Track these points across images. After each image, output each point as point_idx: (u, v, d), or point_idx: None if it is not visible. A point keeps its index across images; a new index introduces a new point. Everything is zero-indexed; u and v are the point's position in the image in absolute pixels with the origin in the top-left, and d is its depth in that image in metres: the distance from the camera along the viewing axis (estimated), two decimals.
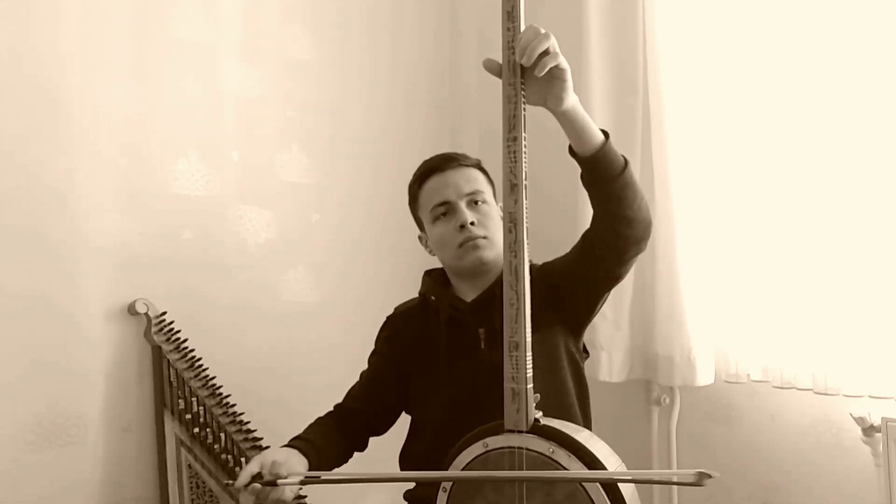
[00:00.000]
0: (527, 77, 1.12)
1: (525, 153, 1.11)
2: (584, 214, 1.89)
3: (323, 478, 1.31)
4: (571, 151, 1.23)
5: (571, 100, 1.15)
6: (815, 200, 1.68)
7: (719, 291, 1.85)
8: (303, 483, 1.23)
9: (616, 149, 1.22)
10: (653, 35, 1.91)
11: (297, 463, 1.30)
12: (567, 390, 1.40)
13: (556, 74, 1.11)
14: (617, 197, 1.22)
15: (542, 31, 1.08)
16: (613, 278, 1.37)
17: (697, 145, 1.87)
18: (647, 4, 1.92)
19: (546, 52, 1.07)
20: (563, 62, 1.10)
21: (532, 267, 1.43)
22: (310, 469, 1.32)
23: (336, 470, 1.44)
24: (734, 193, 1.83)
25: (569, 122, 1.18)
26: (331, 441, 1.45)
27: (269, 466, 1.24)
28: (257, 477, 1.21)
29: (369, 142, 2.27)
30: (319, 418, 1.52)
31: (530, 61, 1.07)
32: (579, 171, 1.24)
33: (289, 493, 1.23)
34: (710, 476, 0.98)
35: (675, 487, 1.98)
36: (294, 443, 1.39)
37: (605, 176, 1.21)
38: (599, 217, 1.27)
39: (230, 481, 1.81)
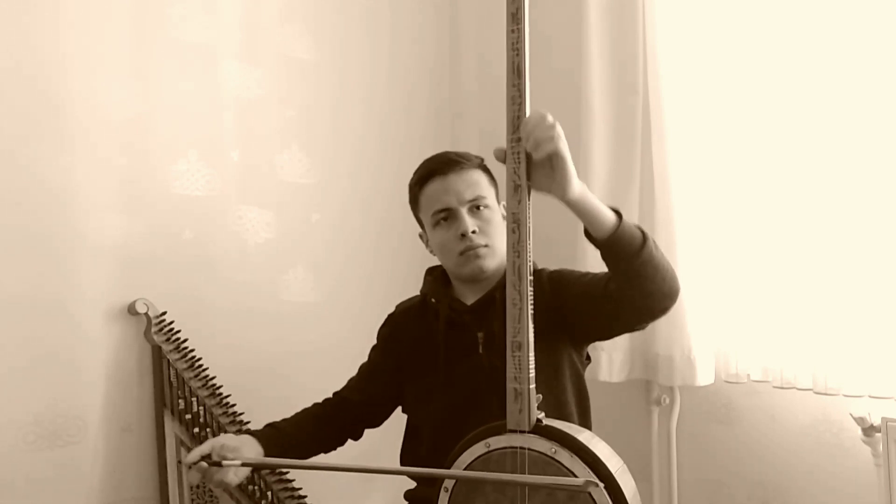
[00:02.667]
0: (531, 165, 1.13)
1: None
2: None
3: (268, 462, 1.43)
4: (587, 233, 1.22)
5: (577, 189, 1.15)
6: (815, 201, 1.68)
7: (719, 292, 1.85)
8: (245, 466, 1.31)
9: (632, 226, 1.20)
10: (653, 35, 1.91)
11: (248, 450, 1.36)
12: (567, 400, 1.39)
13: (555, 163, 1.12)
14: (636, 274, 1.20)
15: (549, 119, 1.09)
16: (634, 329, 1.37)
17: (697, 145, 1.87)
18: (647, 4, 1.92)
19: (549, 139, 1.09)
20: (562, 150, 1.10)
21: (541, 272, 1.43)
22: (269, 456, 1.38)
23: (321, 458, 1.51)
24: (734, 194, 1.83)
25: (577, 211, 1.18)
26: (308, 429, 1.49)
27: (218, 449, 1.30)
28: (206, 458, 1.28)
29: (369, 142, 2.26)
30: (314, 404, 1.56)
31: (536, 151, 1.10)
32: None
33: (232, 475, 1.30)
34: (596, 485, 1.03)
35: (675, 488, 1.99)
36: (259, 430, 1.45)
37: (621, 256, 1.19)
38: (621, 289, 1.24)
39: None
